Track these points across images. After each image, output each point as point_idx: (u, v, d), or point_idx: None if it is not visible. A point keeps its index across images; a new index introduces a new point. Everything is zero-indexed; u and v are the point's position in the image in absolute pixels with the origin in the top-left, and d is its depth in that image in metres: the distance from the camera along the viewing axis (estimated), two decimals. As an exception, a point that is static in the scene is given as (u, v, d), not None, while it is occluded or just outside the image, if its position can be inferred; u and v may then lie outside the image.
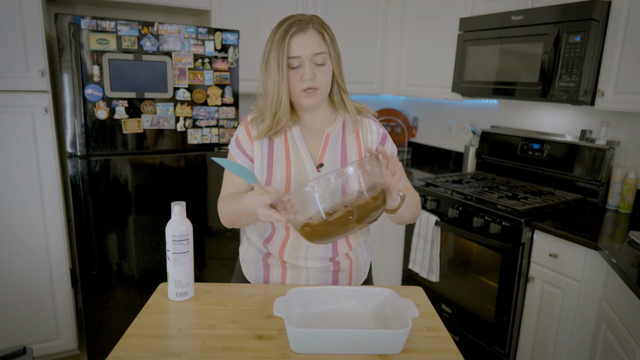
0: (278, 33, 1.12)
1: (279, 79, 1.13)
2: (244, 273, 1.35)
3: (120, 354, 0.92)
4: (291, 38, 1.11)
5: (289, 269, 1.26)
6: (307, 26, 1.12)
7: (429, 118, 3.42)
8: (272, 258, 1.27)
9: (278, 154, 1.21)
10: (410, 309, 0.99)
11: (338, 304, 1.09)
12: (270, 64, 1.14)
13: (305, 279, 1.26)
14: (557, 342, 1.98)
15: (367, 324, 1.04)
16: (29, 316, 2.29)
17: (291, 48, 1.11)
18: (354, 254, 1.30)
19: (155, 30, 2.14)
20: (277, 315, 0.95)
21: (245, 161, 1.23)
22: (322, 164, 1.21)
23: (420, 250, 2.55)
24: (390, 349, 0.93)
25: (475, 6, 2.56)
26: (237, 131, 1.25)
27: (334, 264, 1.27)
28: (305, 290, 1.08)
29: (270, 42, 1.14)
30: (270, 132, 1.18)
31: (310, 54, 1.12)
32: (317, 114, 1.24)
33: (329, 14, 2.93)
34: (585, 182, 2.34)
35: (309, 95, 1.15)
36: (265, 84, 1.17)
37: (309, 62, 1.12)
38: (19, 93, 2.09)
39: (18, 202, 2.18)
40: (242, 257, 1.36)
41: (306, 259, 1.24)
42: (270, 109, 1.16)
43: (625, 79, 1.93)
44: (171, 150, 2.32)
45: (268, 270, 1.28)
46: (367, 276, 1.38)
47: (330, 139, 1.23)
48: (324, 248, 1.24)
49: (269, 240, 1.25)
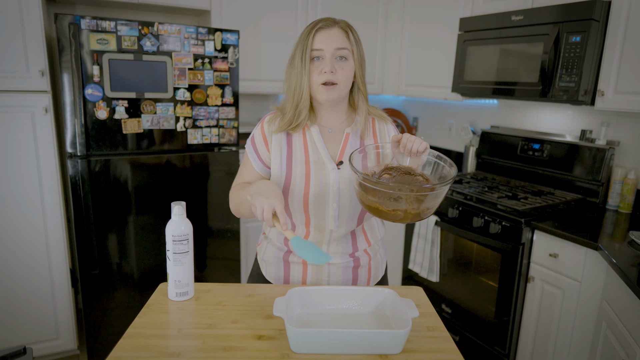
0: (305, 30, 1.17)
1: (301, 70, 1.15)
2: (262, 273, 1.35)
3: (120, 354, 0.92)
4: (316, 32, 1.15)
5: (310, 266, 1.27)
6: (334, 24, 1.17)
7: (429, 118, 3.42)
8: (293, 256, 1.27)
9: (297, 152, 1.22)
10: (410, 309, 0.99)
11: (338, 304, 1.09)
12: (295, 58, 1.17)
13: (326, 275, 1.27)
14: (557, 342, 1.98)
15: (367, 324, 1.04)
16: (29, 316, 2.29)
17: (315, 41, 1.15)
18: (372, 250, 1.32)
19: (155, 30, 2.14)
20: (277, 315, 0.95)
21: (257, 163, 1.24)
22: (342, 161, 1.22)
23: (420, 250, 2.55)
24: (390, 349, 0.93)
25: (475, 6, 2.56)
26: (253, 131, 1.27)
27: (354, 259, 1.28)
28: (305, 290, 1.08)
29: (299, 40, 1.18)
30: (291, 125, 1.20)
31: (332, 48, 1.14)
32: (336, 113, 1.25)
33: (329, 13, 2.93)
34: (585, 182, 2.34)
35: (328, 90, 1.16)
36: (289, 78, 1.20)
37: (330, 55, 1.15)
38: (19, 93, 2.09)
39: (18, 202, 2.17)
40: (261, 256, 1.35)
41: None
42: (292, 102, 1.19)
43: (625, 79, 1.93)
44: (171, 151, 2.32)
45: (289, 269, 1.29)
46: (384, 273, 1.40)
47: (350, 138, 1.24)
48: (344, 244, 1.26)
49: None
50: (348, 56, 1.16)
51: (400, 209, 1.03)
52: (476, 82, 2.51)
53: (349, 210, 1.22)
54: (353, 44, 1.18)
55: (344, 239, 1.25)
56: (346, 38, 1.17)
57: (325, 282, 1.28)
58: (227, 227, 2.54)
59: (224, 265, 2.59)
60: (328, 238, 1.24)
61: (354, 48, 1.18)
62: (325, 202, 1.20)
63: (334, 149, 1.23)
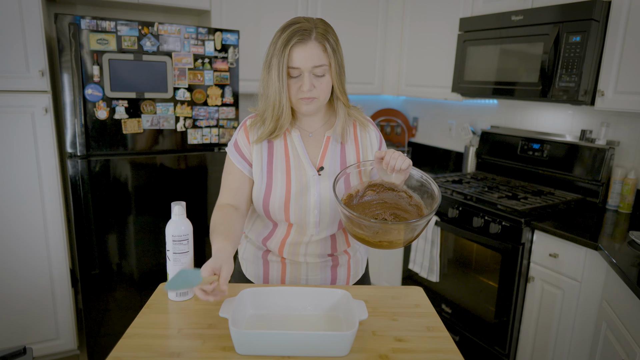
0: (280, 40, 1.11)
1: (280, 86, 1.13)
2: (243, 271, 1.35)
3: (120, 354, 0.91)
4: (292, 49, 1.10)
5: (289, 265, 1.28)
6: (310, 37, 1.10)
7: (429, 118, 3.42)
8: (272, 255, 1.29)
9: (278, 158, 1.21)
10: (360, 310, 0.99)
11: (291, 305, 1.07)
12: (271, 70, 1.13)
13: (304, 273, 1.28)
14: (557, 342, 1.98)
15: (318, 326, 1.03)
16: (29, 316, 2.29)
17: (291, 59, 1.11)
18: (352, 250, 1.33)
19: (155, 30, 2.14)
20: (222, 316, 0.95)
21: (244, 165, 1.22)
22: (323, 167, 1.21)
23: (420, 250, 2.55)
24: (335, 352, 0.92)
25: (475, 6, 2.56)
26: (235, 135, 1.25)
27: (333, 258, 1.29)
28: (258, 291, 1.07)
29: (273, 46, 1.13)
30: (272, 135, 1.19)
31: (309, 66, 1.11)
32: (316, 117, 1.25)
33: (329, 14, 2.93)
34: (585, 182, 2.34)
35: (307, 103, 1.16)
36: (266, 87, 1.17)
37: (308, 74, 1.12)
38: (19, 93, 2.09)
39: (18, 202, 2.17)
40: (241, 255, 1.37)
41: (305, 255, 1.26)
42: (272, 114, 1.16)
43: (625, 79, 1.93)
44: (171, 151, 2.32)
45: (268, 267, 1.29)
46: (364, 271, 1.40)
47: (330, 142, 1.23)
48: (323, 246, 1.26)
49: (267, 238, 1.27)
50: (325, 72, 1.14)
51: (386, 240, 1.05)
52: (476, 82, 2.51)
53: (329, 216, 1.22)
54: (330, 56, 1.12)
55: (323, 241, 1.25)
56: (323, 52, 1.11)
57: (304, 280, 1.28)
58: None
59: (224, 265, 2.58)
60: (307, 240, 1.24)
61: (331, 61, 1.13)
62: (306, 209, 1.20)
63: (315, 153, 1.23)
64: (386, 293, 1.22)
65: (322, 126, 1.25)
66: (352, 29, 3.06)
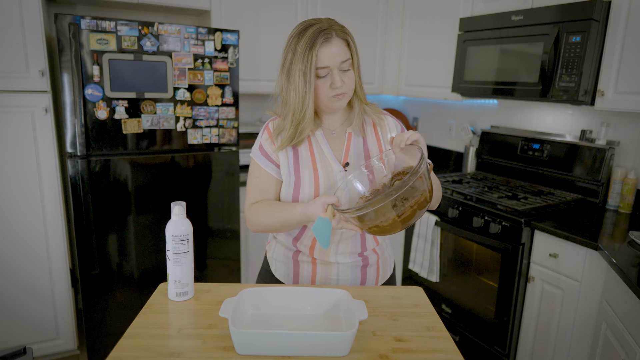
0: (302, 43, 1.12)
1: (305, 90, 1.13)
2: (272, 271, 1.36)
3: (120, 354, 0.92)
4: (319, 49, 1.11)
5: (319, 265, 1.28)
6: (332, 35, 1.13)
7: (429, 118, 3.42)
8: (302, 255, 1.29)
9: (304, 158, 1.23)
10: (361, 310, 0.99)
11: (291, 305, 1.08)
12: (293, 75, 1.14)
13: (335, 274, 1.28)
14: (557, 342, 1.98)
15: (318, 326, 1.03)
16: (29, 316, 2.29)
17: (319, 59, 1.12)
18: (380, 249, 1.33)
19: (155, 30, 2.14)
20: (222, 316, 0.95)
21: (272, 167, 1.24)
22: (348, 162, 1.23)
23: (420, 250, 2.55)
24: (335, 351, 0.92)
25: (475, 6, 2.56)
26: (259, 138, 1.27)
27: (363, 258, 1.29)
28: (258, 291, 1.07)
29: (292, 51, 1.13)
30: (293, 141, 1.20)
31: (338, 62, 1.14)
32: (337, 115, 1.27)
33: (329, 13, 2.93)
34: (585, 182, 2.34)
35: (339, 99, 1.18)
36: (286, 93, 1.17)
37: (337, 70, 1.14)
38: (19, 93, 2.09)
39: (18, 202, 2.17)
40: (270, 255, 1.37)
41: (336, 254, 1.27)
42: (292, 120, 1.17)
43: (625, 79, 1.93)
44: (171, 151, 2.32)
45: (298, 267, 1.30)
46: (392, 272, 1.41)
47: (352, 137, 1.26)
48: (353, 244, 1.27)
49: (297, 239, 1.28)
50: (350, 66, 1.17)
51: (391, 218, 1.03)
52: (476, 82, 2.51)
53: None
54: (353, 49, 1.17)
55: (353, 238, 1.26)
56: (347, 47, 1.16)
57: (334, 281, 1.29)
58: (227, 227, 2.55)
59: (224, 265, 2.59)
60: (338, 239, 1.25)
61: (353, 54, 1.18)
62: None
63: (339, 150, 1.25)
64: (386, 293, 1.22)
65: (342, 123, 1.28)
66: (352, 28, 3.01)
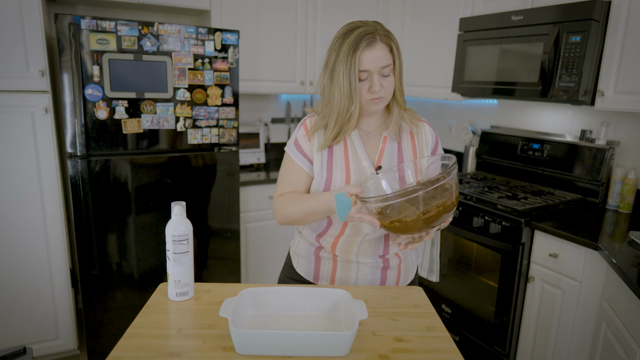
0: (346, 45, 1.13)
1: (351, 92, 1.14)
2: (294, 265, 1.38)
3: (120, 354, 0.92)
4: (362, 53, 1.12)
5: (340, 263, 1.29)
6: (376, 39, 1.13)
7: (429, 118, 3.42)
8: (324, 251, 1.30)
9: (337, 157, 1.23)
10: (361, 310, 0.99)
11: (291, 305, 1.08)
12: (337, 75, 1.15)
13: (355, 272, 1.29)
14: (557, 342, 1.98)
15: (318, 326, 1.03)
16: (29, 316, 2.29)
17: (362, 62, 1.13)
18: (404, 254, 1.33)
19: (155, 30, 2.14)
20: (222, 316, 0.95)
21: (305, 163, 1.25)
22: (380, 166, 1.24)
23: (420, 250, 2.54)
24: (335, 351, 0.92)
25: (475, 6, 2.56)
26: (295, 133, 1.28)
27: (384, 260, 1.30)
28: (258, 291, 1.07)
29: (336, 52, 1.15)
30: (335, 141, 1.21)
31: (379, 67, 1.14)
32: (374, 118, 1.28)
33: (329, 14, 2.93)
34: (585, 182, 2.34)
35: (376, 103, 1.19)
36: (330, 93, 1.18)
37: (377, 74, 1.15)
38: (19, 93, 2.09)
39: (18, 202, 2.17)
40: (293, 249, 1.39)
41: (357, 254, 1.27)
42: (337, 120, 1.18)
43: (625, 79, 1.93)
44: (171, 151, 2.32)
45: (319, 263, 1.31)
46: (413, 277, 1.40)
47: (387, 142, 1.26)
48: (376, 246, 1.27)
49: (322, 235, 1.29)
50: (390, 72, 1.18)
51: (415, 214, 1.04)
52: (476, 82, 2.51)
53: None
54: (396, 55, 1.17)
55: (376, 240, 1.27)
56: (389, 52, 1.16)
57: (354, 280, 1.29)
58: (227, 227, 2.55)
59: (224, 265, 2.59)
60: (361, 240, 1.25)
61: (396, 60, 1.17)
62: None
63: (373, 152, 1.26)
64: (386, 293, 1.22)
65: (379, 126, 1.28)
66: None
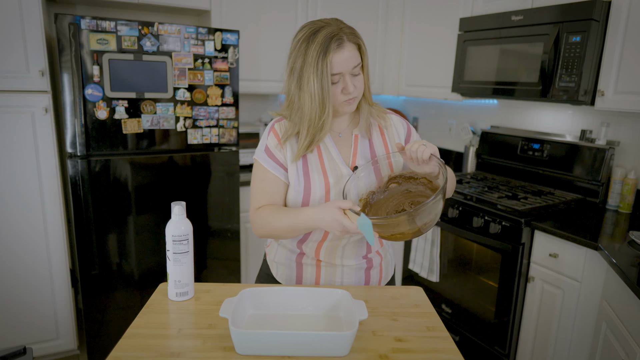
0: (313, 48, 1.08)
1: (323, 98, 1.10)
2: (273, 274, 1.34)
3: (120, 354, 0.92)
4: (333, 56, 1.09)
5: (324, 268, 1.27)
6: (343, 39, 1.10)
7: (429, 118, 3.42)
8: (307, 258, 1.27)
9: (313, 163, 1.21)
10: (361, 310, 0.99)
11: (291, 305, 1.07)
12: (307, 82, 1.10)
13: (339, 276, 1.28)
14: (557, 342, 1.98)
15: (318, 326, 1.03)
16: (29, 316, 2.29)
17: (333, 66, 1.10)
18: (383, 251, 1.34)
19: (155, 30, 2.14)
20: (222, 316, 0.95)
21: (280, 170, 1.20)
22: (357, 166, 1.23)
23: (420, 250, 2.55)
24: (335, 352, 0.91)
25: (475, 6, 2.56)
26: (264, 139, 1.22)
27: (367, 261, 1.29)
28: (258, 291, 1.07)
29: (302, 56, 1.10)
30: (308, 149, 1.18)
31: (350, 67, 1.12)
32: (344, 117, 1.26)
33: (329, 13, 2.93)
34: (585, 182, 2.34)
35: (350, 104, 1.17)
36: (300, 100, 1.13)
37: (349, 76, 1.13)
38: (19, 93, 2.09)
39: (18, 202, 2.17)
40: (271, 258, 1.34)
41: (342, 257, 1.26)
42: (309, 128, 1.15)
43: (625, 79, 1.93)
44: (171, 151, 2.32)
45: (301, 270, 1.29)
46: (393, 273, 1.41)
47: (359, 140, 1.25)
48: (359, 247, 1.26)
49: (303, 241, 1.26)
50: (360, 70, 1.16)
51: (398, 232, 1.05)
52: (476, 82, 2.51)
53: None
54: (364, 53, 1.15)
55: (359, 242, 1.26)
56: (357, 51, 1.13)
57: (339, 283, 1.28)
58: (227, 227, 2.55)
59: (224, 265, 2.59)
60: (345, 242, 1.24)
61: (364, 58, 1.16)
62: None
63: (346, 152, 1.24)
64: (386, 293, 1.22)
65: (349, 125, 1.27)
66: (352, 29, 3.05)
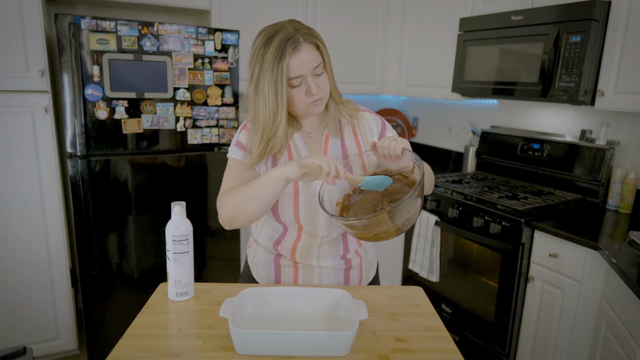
0: (270, 54, 1.05)
1: (277, 104, 1.07)
2: (253, 275, 1.34)
3: (120, 354, 0.91)
4: (290, 60, 1.05)
5: (301, 269, 1.26)
6: (299, 41, 1.06)
7: (429, 118, 3.42)
8: (284, 259, 1.27)
9: (282, 162, 1.19)
10: (361, 310, 0.99)
11: (291, 305, 1.07)
12: (262, 87, 1.07)
13: (317, 278, 1.26)
14: (557, 342, 1.98)
15: (318, 326, 1.03)
16: (29, 316, 2.29)
17: (291, 69, 1.06)
18: (363, 251, 1.31)
19: (155, 30, 2.14)
20: (222, 316, 0.95)
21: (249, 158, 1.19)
22: None
23: (420, 250, 2.55)
24: (335, 352, 0.91)
25: (475, 6, 2.56)
26: (236, 137, 1.21)
27: (345, 261, 1.27)
28: (258, 291, 1.06)
29: (260, 63, 1.07)
30: (263, 159, 1.15)
31: (310, 69, 1.09)
32: (314, 117, 1.23)
33: (329, 13, 2.93)
34: (585, 182, 2.34)
35: (317, 105, 1.14)
36: (255, 107, 1.11)
37: (311, 77, 1.10)
38: (19, 93, 2.09)
39: (18, 202, 2.18)
40: (251, 259, 1.34)
41: (319, 258, 1.24)
42: (261, 136, 1.11)
43: (625, 79, 1.93)
44: (171, 150, 2.32)
45: (279, 271, 1.28)
46: (375, 273, 1.39)
47: (330, 139, 1.23)
48: (335, 247, 1.24)
49: (278, 242, 1.25)
50: (322, 69, 1.13)
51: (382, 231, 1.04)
52: (476, 82, 2.51)
53: None
54: (323, 52, 1.11)
55: (335, 241, 1.24)
56: (316, 51, 1.09)
57: (317, 284, 1.27)
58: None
59: (224, 265, 2.59)
60: (319, 242, 1.23)
61: (324, 57, 1.12)
62: (316, 211, 1.19)
63: (317, 153, 1.21)
64: (386, 293, 1.22)
65: (319, 125, 1.25)
66: (352, 29, 3.05)
